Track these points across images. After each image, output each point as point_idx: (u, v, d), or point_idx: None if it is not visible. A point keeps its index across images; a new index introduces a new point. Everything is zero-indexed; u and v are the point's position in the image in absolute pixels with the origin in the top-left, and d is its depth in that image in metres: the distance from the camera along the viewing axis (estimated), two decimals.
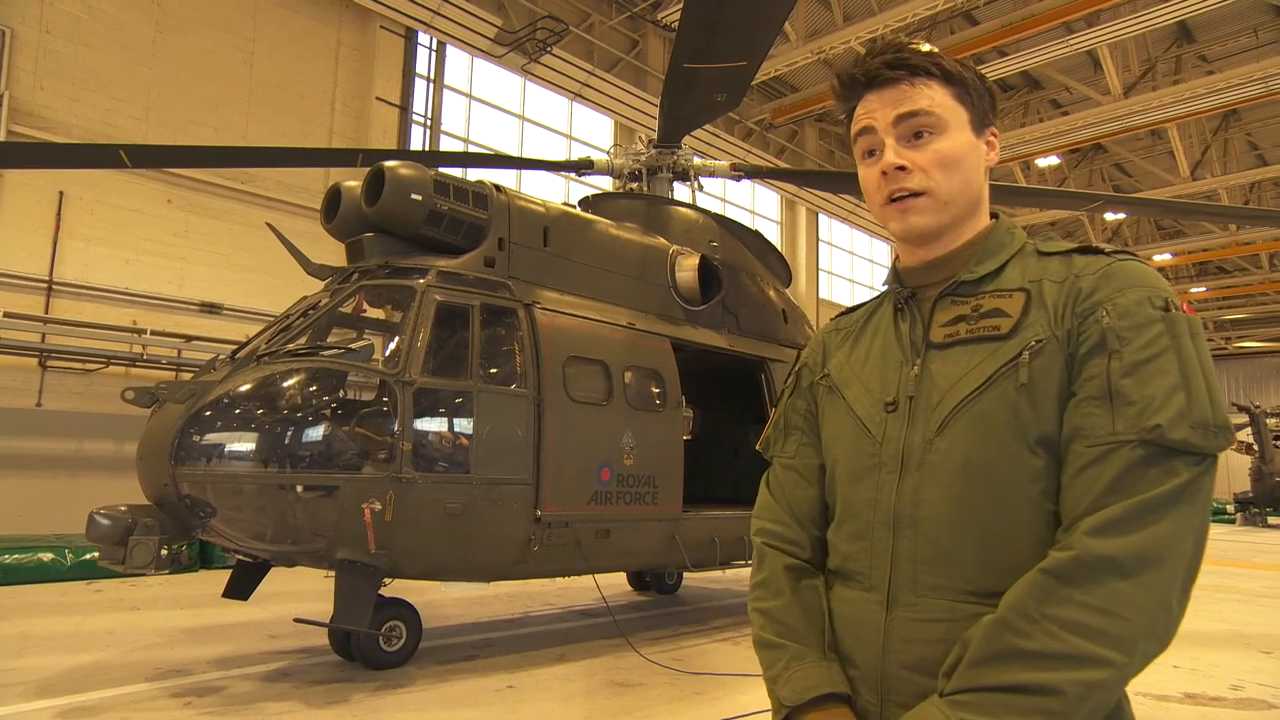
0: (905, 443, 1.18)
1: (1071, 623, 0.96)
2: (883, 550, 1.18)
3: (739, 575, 9.03)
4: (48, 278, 9.74)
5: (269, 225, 6.29)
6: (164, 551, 4.34)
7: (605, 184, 12.56)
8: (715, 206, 17.61)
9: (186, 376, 8.43)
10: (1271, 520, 23.56)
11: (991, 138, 1.26)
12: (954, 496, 1.12)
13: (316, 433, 4.56)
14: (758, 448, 1.48)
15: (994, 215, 1.29)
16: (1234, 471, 28.61)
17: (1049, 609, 0.98)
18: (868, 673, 1.17)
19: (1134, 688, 5.06)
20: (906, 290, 1.28)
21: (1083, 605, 0.97)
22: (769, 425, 1.45)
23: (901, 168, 1.18)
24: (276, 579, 6.02)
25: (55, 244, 9.83)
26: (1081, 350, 1.07)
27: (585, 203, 7.46)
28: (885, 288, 1.37)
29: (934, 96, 1.19)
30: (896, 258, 1.34)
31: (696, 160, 7.86)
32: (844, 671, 1.20)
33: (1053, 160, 21.31)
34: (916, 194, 1.19)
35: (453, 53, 14.22)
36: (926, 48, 1.23)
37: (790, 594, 1.27)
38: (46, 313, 9.67)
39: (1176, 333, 1.04)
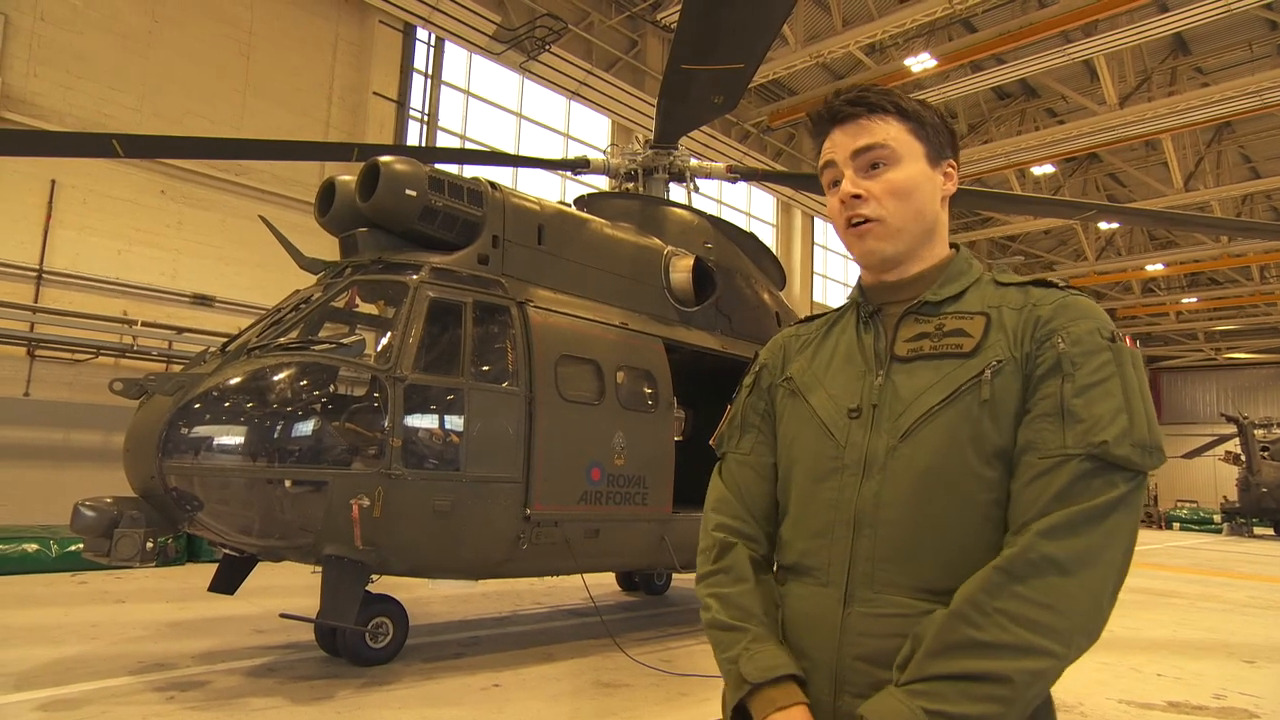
0: (869, 448, 1.25)
1: (1019, 616, 1.06)
2: (842, 548, 1.25)
3: None
4: (38, 266, 9.67)
5: (262, 218, 6.26)
6: (149, 544, 4.30)
7: (601, 183, 12.54)
8: (711, 208, 17.62)
9: (177, 368, 8.39)
10: (1257, 530, 23.71)
11: (949, 169, 1.36)
12: (914, 500, 1.20)
13: (306, 427, 4.54)
14: (710, 443, 1.55)
15: (954, 246, 1.40)
16: (1222, 481, 28.79)
17: (999, 603, 1.07)
18: (821, 664, 1.23)
19: (1117, 694, 5.09)
20: (872, 305, 1.37)
21: (1029, 600, 1.06)
22: (724, 421, 1.52)
23: (857, 196, 1.29)
24: (263, 574, 5.99)
25: (46, 232, 9.76)
26: (1037, 372, 1.18)
27: (581, 202, 7.45)
28: (848, 301, 1.47)
29: (889, 131, 1.30)
30: (861, 275, 1.44)
31: (693, 161, 7.86)
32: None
33: (1048, 169, 21.39)
34: (871, 220, 1.29)
35: (451, 49, 14.19)
36: (888, 89, 1.35)
37: (753, 582, 1.34)
38: (36, 301, 9.60)
39: (1121, 361, 1.16)
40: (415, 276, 5.16)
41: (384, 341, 5.04)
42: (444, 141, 13.91)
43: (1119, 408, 1.12)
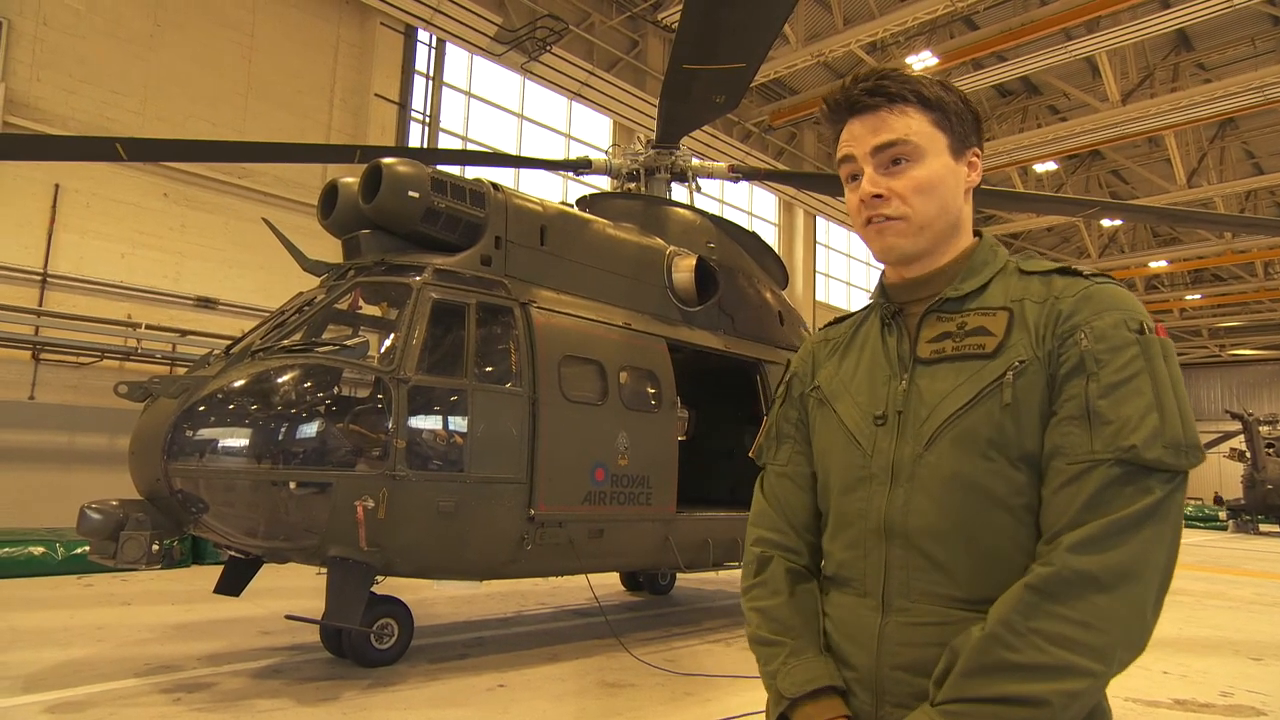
0: (895, 456, 1.22)
1: (1055, 636, 1.02)
2: (875, 558, 1.23)
3: (732, 577, 9.03)
4: (42, 270, 9.70)
5: (265, 221, 6.27)
6: (155, 546, 4.31)
7: (603, 184, 12.55)
8: (713, 208, 17.62)
9: (181, 371, 8.41)
10: (1263, 527, 23.64)
11: (973, 159, 1.29)
12: (943, 508, 1.17)
13: (310, 429, 4.55)
14: (750, 454, 1.52)
15: (978, 233, 1.33)
16: (1226, 478, 28.71)
17: (1034, 623, 1.03)
18: (863, 674, 1.22)
19: (1123, 693, 5.07)
20: (893, 306, 1.32)
21: (1065, 619, 1.02)
22: (761, 433, 1.50)
23: (879, 195, 1.23)
24: (269, 575, 6.01)
25: (50, 236, 9.79)
26: (1061, 371, 1.12)
27: (583, 202, 7.45)
28: (872, 301, 1.42)
29: (911, 124, 1.23)
30: (883, 273, 1.38)
31: (695, 161, 7.86)
32: (839, 672, 1.25)
33: (1050, 166, 21.35)
34: (892, 218, 1.23)
35: (452, 50, 14.20)
36: (909, 74, 1.27)
37: (788, 594, 1.32)
38: (40, 305, 9.63)
39: (1150, 355, 1.09)
40: (418, 278, 5.17)
41: (387, 343, 5.05)
42: (446, 143, 13.92)
43: (1149, 406, 1.05)
